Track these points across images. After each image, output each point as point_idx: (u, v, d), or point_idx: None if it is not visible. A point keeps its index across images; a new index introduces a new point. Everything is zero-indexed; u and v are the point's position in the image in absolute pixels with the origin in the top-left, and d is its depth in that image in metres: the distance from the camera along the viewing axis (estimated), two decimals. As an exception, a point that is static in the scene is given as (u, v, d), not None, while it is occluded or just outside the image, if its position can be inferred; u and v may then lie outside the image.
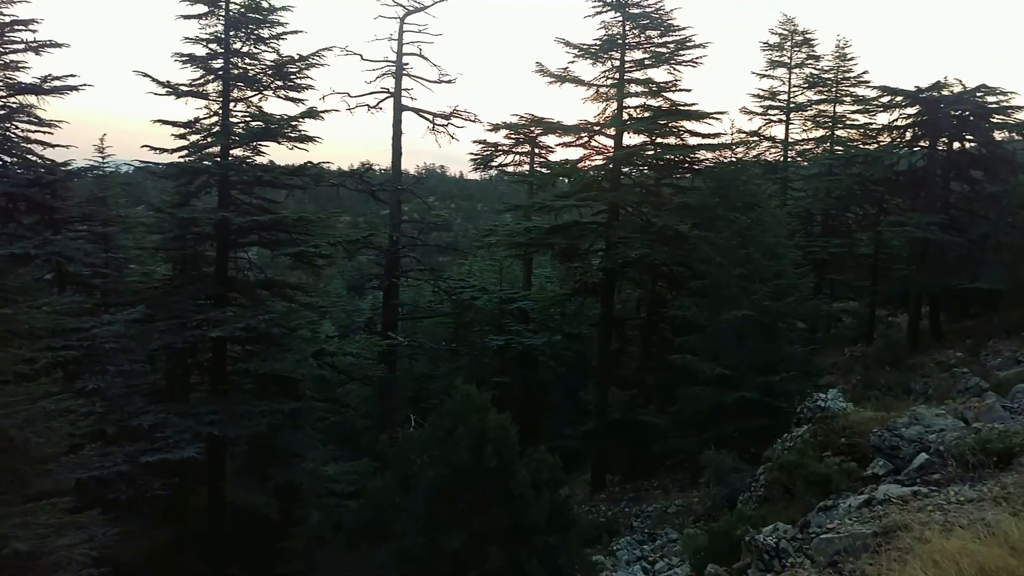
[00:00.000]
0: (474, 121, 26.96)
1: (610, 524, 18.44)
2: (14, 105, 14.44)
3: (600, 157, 23.20)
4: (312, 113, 18.37)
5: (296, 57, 17.96)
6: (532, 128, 29.66)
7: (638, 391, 25.74)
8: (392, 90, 26.21)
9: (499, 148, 33.77)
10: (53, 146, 15.05)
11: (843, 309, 37.27)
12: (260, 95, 18.17)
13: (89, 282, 18.52)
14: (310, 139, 18.25)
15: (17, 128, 14.67)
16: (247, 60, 17.69)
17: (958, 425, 9.79)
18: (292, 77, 17.94)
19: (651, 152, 22.53)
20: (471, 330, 35.47)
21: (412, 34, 26.05)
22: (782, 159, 35.14)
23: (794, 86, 34.49)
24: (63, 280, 17.79)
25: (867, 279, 31.57)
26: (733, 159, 20.11)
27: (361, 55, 25.73)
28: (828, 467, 9.95)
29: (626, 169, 23.87)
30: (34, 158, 16.25)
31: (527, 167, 33.86)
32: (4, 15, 14.01)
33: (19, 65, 14.39)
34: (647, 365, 25.57)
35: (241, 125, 17.73)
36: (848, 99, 33.91)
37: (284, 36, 17.64)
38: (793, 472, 10.28)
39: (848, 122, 34.04)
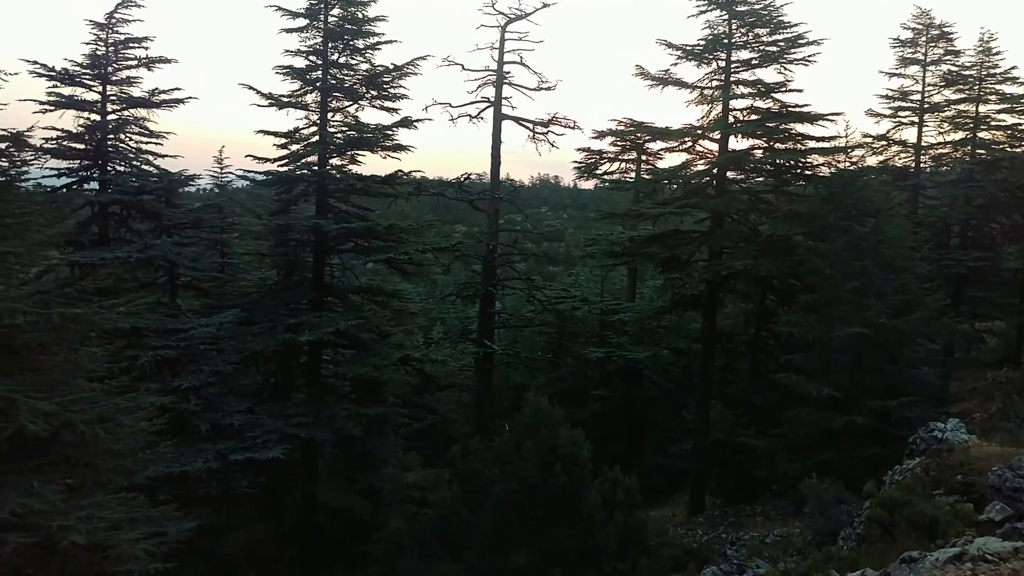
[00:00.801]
0: (573, 128, 26.47)
1: (701, 551, 17.37)
2: (128, 117, 15.36)
3: (704, 162, 22.15)
4: (406, 122, 18.54)
5: (391, 67, 18.17)
6: (639, 135, 28.87)
7: (745, 411, 24.39)
8: (492, 99, 26.19)
9: (604, 155, 33.09)
10: (162, 156, 15.91)
11: (986, 329, 33.94)
12: (357, 105, 18.53)
13: (199, 286, 19.50)
14: (403, 148, 18.45)
15: (131, 139, 15.60)
16: (344, 71, 18.08)
17: (1098, 467, 8.38)
18: (386, 87, 18.16)
19: (758, 156, 21.26)
20: (576, 341, 34.97)
21: (513, 42, 25.94)
22: (913, 164, 32.44)
23: (929, 85, 31.77)
24: (174, 283, 18.80)
25: (1015, 296, 28.59)
26: (848, 164, 18.58)
27: (462, 65, 25.86)
28: (936, 508, 8.76)
29: (733, 175, 22.69)
30: (150, 168, 17.24)
31: (634, 175, 33.08)
32: (119, 33, 14.96)
33: (132, 80, 15.34)
34: (755, 384, 24.20)
35: (338, 135, 18.12)
36: (993, 98, 30.83)
37: (379, 46, 17.91)
38: (895, 511, 9.14)
39: (993, 123, 31.00)
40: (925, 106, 31.69)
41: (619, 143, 31.50)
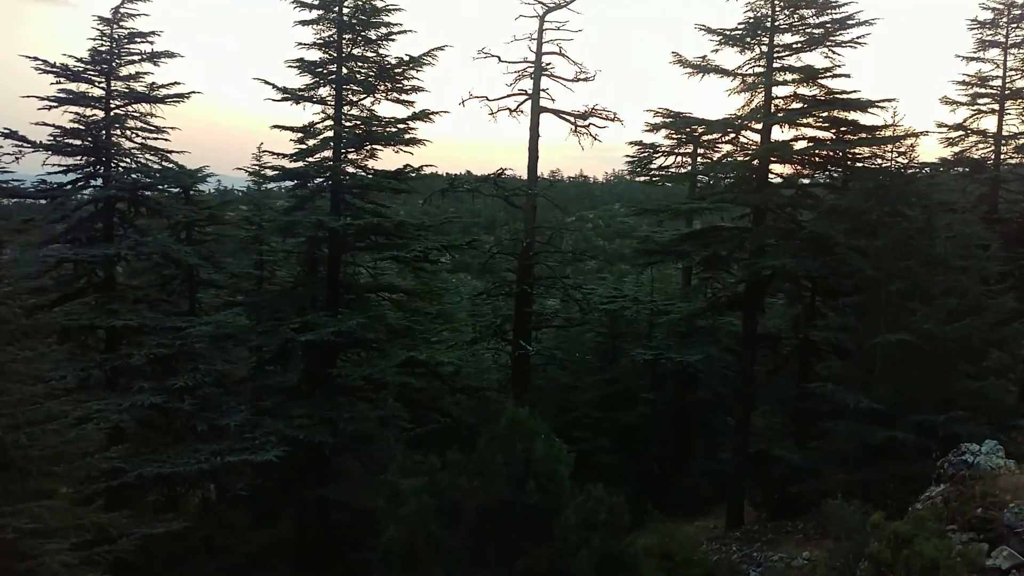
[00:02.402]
0: (613, 120, 25.46)
1: (724, 571, 16.17)
2: (133, 112, 15.29)
3: (742, 154, 20.74)
4: (422, 115, 18.02)
5: (406, 59, 17.64)
6: (695, 127, 27.52)
7: (792, 419, 22.89)
8: (530, 91, 25.40)
9: (658, 149, 31.71)
10: (168, 152, 15.77)
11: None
12: (372, 99, 18.09)
13: (220, 283, 19.47)
14: (416, 142, 17.88)
15: (136, 135, 15.50)
16: (359, 64, 17.66)
17: None
18: (400, 79, 17.65)
19: (802, 147, 19.71)
20: (631, 342, 33.74)
21: (551, 32, 25.10)
22: (993, 156, 29.76)
23: (1011, 69, 28.96)
24: (192, 281, 18.82)
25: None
26: (896, 154, 16.85)
27: (499, 56, 25.16)
28: (939, 549, 7.50)
29: (781, 169, 21.18)
30: (167, 164, 17.22)
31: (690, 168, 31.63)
32: (125, 28, 14.91)
33: (139, 76, 15.22)
34: (803, 391, 22.64)
35: (352, 128, 17.71)
36: (1084, 84, 27.91)
37: (393, 37, 17.40)
38: (898, 550, 7.93)
39: (1084, 110, 28.05)
40: (1006, 92, 28.99)
41: (674, 136, 30.12)
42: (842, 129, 19.55)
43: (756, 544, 19.22)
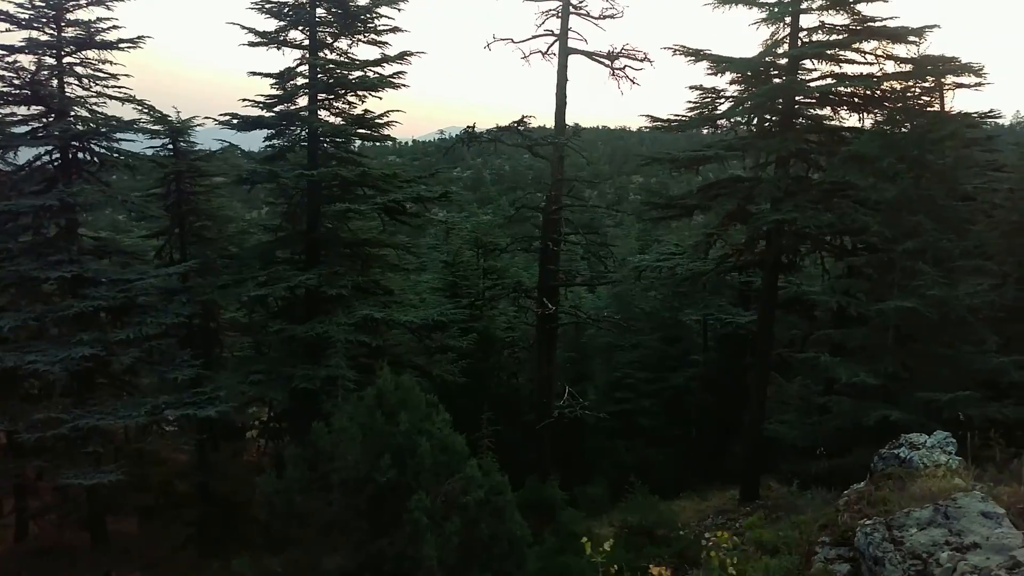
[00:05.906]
0: (643, 60, 23.27)
1: (688, 552, 14.77)
2: (89, 60, 14.98)
3: (757, 95, 18.45)
4: (399, 56, 17.01)
5: (375, -3, 16.59)
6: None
7: (825, 390, 20.86)
8: (557, 32, 23.67)
9: (721, 94, 29.11)
10: (124, 100, 15.45)
11: None
12: (350, 40, 17.20)
13: (208, 236, 19.45)
14: (396, 86, 16.92)
15: (94, 84, 15.18)
16: (334, 5, 16.76)
17: (1017, 543, 5.30)
18: (373, 19, 16.64)
19: (826, 83, 17.23)
20: (689, 302, 31.94)
21: (579, -36, 23.14)
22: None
23: None
24: (183, 235, 18.87)
25: None
26: (918, 91, 14.24)
27: (521, -7, 23.46)
28: (771, 570, 6.08)
29: (816, 111, 18.76)
30: (155, 116, 17.12)
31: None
32: (70, -31, 14.51)
33: (92, 23, 14.80)
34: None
35: (322, 75, 16.94)
36: None
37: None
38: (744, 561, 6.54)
39: None
40: None
41: (739, 80, 27.51)
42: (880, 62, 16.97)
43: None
